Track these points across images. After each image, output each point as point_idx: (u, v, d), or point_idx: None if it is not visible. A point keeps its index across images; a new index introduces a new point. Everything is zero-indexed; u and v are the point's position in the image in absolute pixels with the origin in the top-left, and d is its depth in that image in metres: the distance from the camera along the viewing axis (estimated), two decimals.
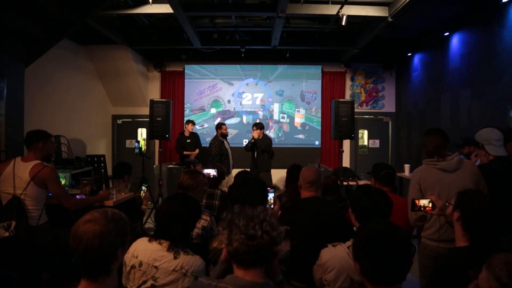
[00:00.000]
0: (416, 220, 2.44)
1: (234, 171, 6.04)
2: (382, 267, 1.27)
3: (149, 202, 4.43)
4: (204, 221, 2.53)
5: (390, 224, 1.36)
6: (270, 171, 6.15)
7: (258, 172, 5.93)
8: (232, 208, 2.12)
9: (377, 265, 1.28)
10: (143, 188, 3.97)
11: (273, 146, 6.35)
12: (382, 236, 1.29)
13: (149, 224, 5.41)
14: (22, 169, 2.90)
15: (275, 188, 2.58)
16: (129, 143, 8.07)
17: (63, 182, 3.88)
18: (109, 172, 6.50)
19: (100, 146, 7.49)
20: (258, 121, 8.03)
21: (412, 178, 2.57)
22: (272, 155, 6.19)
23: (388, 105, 8.11)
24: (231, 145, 6.61)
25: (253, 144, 6.01)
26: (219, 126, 6.44)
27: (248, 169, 4.05)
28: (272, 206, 2.23)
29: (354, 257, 1.37)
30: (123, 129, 8.15)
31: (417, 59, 6.94)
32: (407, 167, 5.52)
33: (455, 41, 5.49)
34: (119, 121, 8.15)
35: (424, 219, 2.42)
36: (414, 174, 2.56)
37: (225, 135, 6.41)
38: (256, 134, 6.04)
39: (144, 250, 1.85)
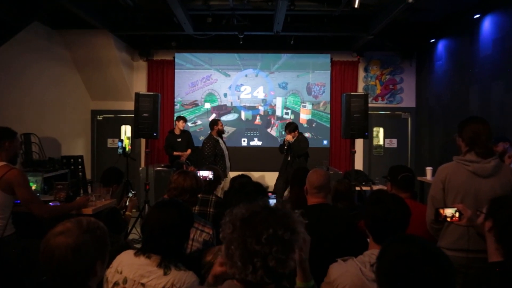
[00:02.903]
0: (432, 222, 2.39)
1: (232, 174, 6.03)
2: None
3: (134, 210, 4.42)
4: (206, 234, 2.50)
5: (422, 243, 1.22)
6: None
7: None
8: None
9: None
10: (130, 195, 3.97)
11: (275, 146, 6.39)
12: (412, 260, 1.16)
13: (134, 235, 5.39)
14: None
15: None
16: (111, 143, 8.07)
17: (33, 187, 3.86)
18: (88, 176, 6.49)
19: (78, 145, 7.48)
20: (258, 117, 8.02)
21: (437, 174, 2.54)
22: (307, 157, 6.25)
23: (407, 99, 8.10)
24: (227, 146, 6.59)
25: (288, 148, 6.17)
26: (215, 122, 6.42)
27: (245, 173, 4.11)
28: None
29: (378, 282, 1.27)
30: (104, 126, 8.16)
31: (441, 46, 6.92)
32: (429, 170, 5.49)
33: (487, 24, 5.45)
34: (100, 117, 8.15)
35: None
36: (440, 170, 2.52)
37: (221, 132, 6.40)
38: (289, 137, 6.15)
39: (129, 265, 1.83)
